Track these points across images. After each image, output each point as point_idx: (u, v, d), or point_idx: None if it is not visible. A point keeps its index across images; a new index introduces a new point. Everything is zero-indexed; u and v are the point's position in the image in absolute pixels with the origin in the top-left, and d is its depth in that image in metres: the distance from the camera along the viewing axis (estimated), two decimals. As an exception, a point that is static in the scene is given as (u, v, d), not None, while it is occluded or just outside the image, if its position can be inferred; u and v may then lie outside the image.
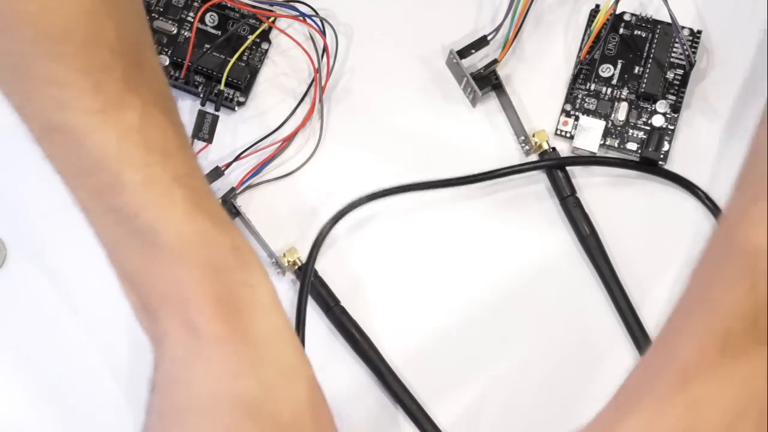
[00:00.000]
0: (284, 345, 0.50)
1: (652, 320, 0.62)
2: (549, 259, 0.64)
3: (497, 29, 0.66)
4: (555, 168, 0.65)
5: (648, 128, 0.65)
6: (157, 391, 0.50)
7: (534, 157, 0.66)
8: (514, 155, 0.66)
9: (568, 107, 0.66)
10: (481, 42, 0.66)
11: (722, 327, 0.49)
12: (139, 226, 0.49)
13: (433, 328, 0.63)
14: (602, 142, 0.65)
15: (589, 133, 0.65)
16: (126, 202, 0.49)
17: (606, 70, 0.67)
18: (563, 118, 0.66)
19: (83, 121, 0.49)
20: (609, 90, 0.66)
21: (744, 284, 0.49)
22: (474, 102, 0.66)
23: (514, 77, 0.67)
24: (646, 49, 0.67)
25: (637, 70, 0.66)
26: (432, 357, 0.63)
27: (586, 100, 0.66)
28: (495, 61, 0.66)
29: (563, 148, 0.66)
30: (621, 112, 0.66)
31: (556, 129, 0.66)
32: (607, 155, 0.66)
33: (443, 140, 0.66)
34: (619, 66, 0.66)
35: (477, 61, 0.67)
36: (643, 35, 0.67)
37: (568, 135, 0.66)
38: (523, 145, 0.65)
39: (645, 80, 0.66)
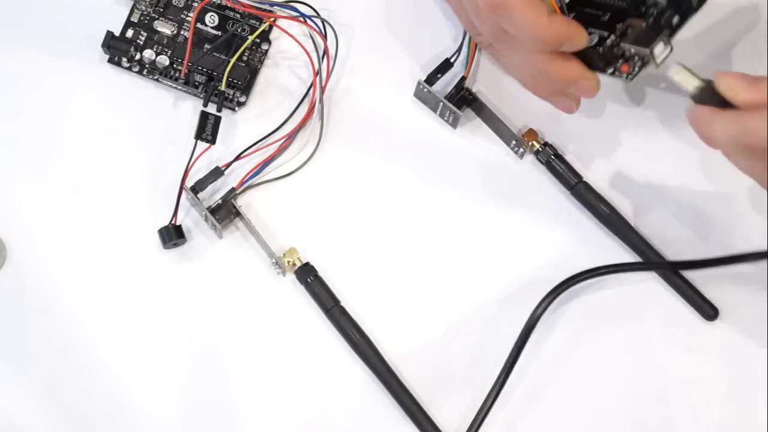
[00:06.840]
0: None
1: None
2: (561, 253, 0.64)
3: (459, 50, 0.66)
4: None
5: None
6: None
7: (529, 157, 0.65)
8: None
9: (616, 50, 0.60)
10: (446, 65, 0.66)
11: None
12: None
13: (433, 329, 0.63)
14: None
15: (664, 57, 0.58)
16: None
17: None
18: (621, 64, 0.59)
19: None
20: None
21: None
22: (455, 123, 0.66)
23: (486, 88, 0.67)
24: None
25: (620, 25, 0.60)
26: (432, 357, 0.63)
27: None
28: (463, 78, 0.66)
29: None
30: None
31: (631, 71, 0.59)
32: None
33: (442, 139, 0.66)
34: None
35: (445, 84, 0.66)
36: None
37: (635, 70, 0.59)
38: (516, 149, 0.65)
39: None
